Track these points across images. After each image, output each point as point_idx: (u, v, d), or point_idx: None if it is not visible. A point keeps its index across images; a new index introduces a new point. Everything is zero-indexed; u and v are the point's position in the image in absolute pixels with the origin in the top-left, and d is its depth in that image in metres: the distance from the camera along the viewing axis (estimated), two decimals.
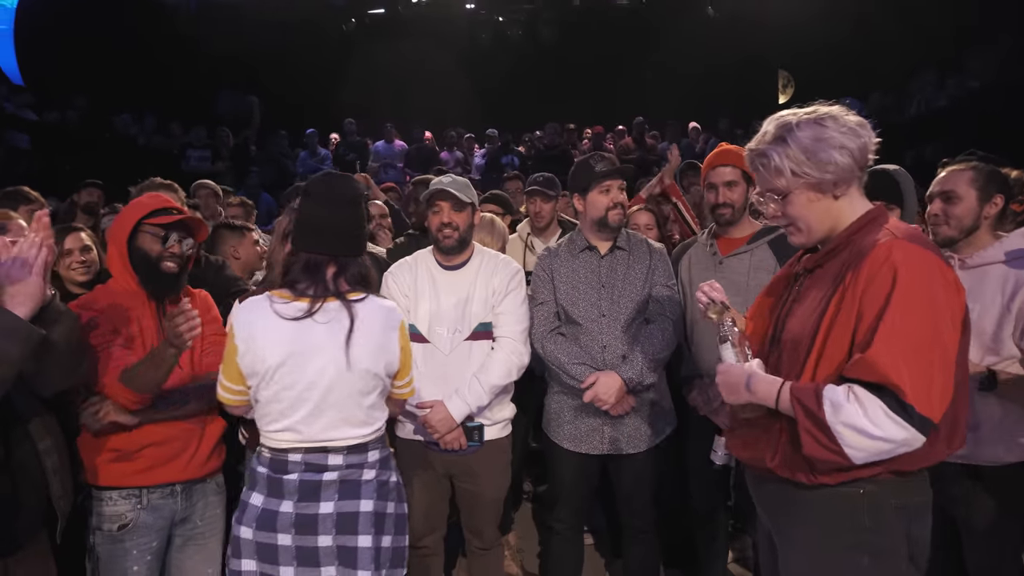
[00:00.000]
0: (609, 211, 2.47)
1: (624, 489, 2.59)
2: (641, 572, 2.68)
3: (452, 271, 2.46)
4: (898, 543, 1.42)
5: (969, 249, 2.06)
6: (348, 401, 1.72)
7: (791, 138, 1.43)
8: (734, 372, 1.51)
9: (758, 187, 1.56)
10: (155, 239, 2.05)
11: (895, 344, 1.28)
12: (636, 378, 2.37)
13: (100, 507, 1.96)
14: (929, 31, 8.82)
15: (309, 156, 9.47)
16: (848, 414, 1.28)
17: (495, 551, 2.62)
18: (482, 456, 2.44)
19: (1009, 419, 1.94)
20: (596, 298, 2.49)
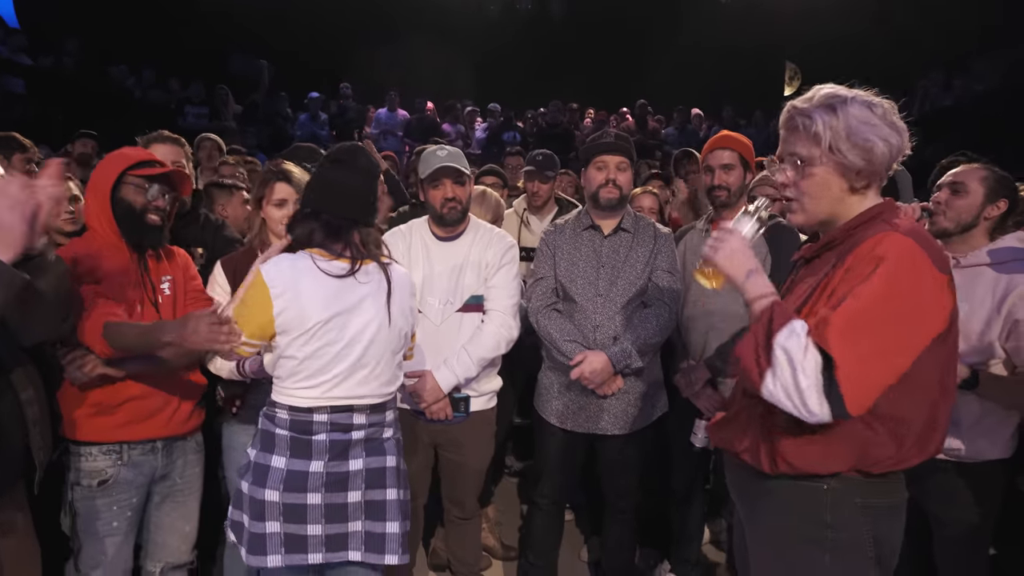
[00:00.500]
0: (600, 188, 2.46)
1: (608, 469, 2.62)
2: (618, 550, 2.71)
3: (446, 242, 2.46)
4: (862, 543, 1.39)
5: (964, 248, 2.07)
6: (383, 359, 1.80)
7: (841, 110, 1.34)
8: (744, 250, 1.41)
9: (780, 151, 1.47)
10: (139, 191, 2.01)
11: (852, 322, 1.23)
12: (624, 360, 2.38)
13: (79, 462, 1.94)
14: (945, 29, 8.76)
15: (310, 120, 9.38)
16: (794, 348, 1.23)
17: (473, 522, 2.66)
18: (467, 427, 2.46)
19: (989, 417, 1.97)
20: (594, 277, 2.49)
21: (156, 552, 2.11)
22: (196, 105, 9.13)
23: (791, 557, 1.44)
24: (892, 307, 1.24)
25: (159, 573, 2.12)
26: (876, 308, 1.23)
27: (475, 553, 2.69)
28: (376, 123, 9.55)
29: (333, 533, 1.75)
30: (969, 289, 1.98)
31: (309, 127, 9.27)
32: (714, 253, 1.42)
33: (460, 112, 10.02)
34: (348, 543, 1.77)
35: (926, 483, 2.02)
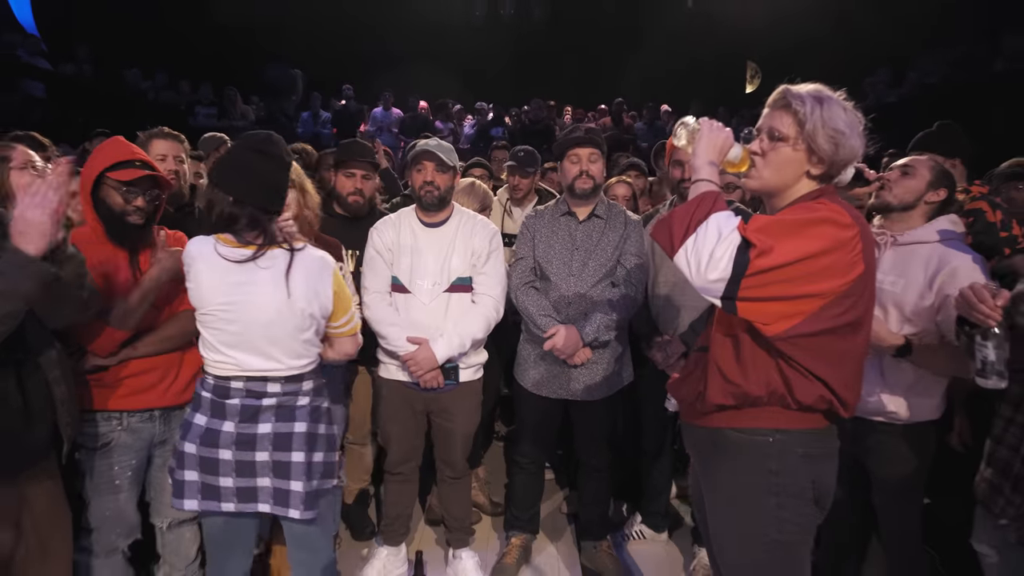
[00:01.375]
0: (575, 179, 2.48)
1: (581, 432, 2.65)
2: (594, 503, 2.75)
3: (433, 228, 2.46)
4: (803, 487, 1.45)
5: (901, 226, 2.08)
6: (286, 337, 1.75)
7: (827, 104, 1.39)
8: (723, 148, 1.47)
9: (761, 123, 1.48)
10: (117, 193, 1.92)
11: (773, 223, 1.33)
12: (593, 334, 2.41)
13: (84, 427, 1.95)
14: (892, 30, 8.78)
15: (311, 118, 9.28)
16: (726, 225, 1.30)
17: (464, 481, 2.68)
18: (456, 396, 2.48)
19: (921, 383, 2.00)
20: (568, 259, 2.51)
21: (161, 510, 2.12)
22: (206, 106, 9.02)
23: (743, 501, 1.48)
24: (811, 233, 1.31)
25: (166, 528, 2.14)
26: (797, 225, 1.31)
27: (466, 509, 2.72)
28: (372, 121, 9.48)
29: (243, 486, 1.76)
30: (904, 265, 2.01)
31: (311, 125, 9.18)
32: (706, 127, 1.48)
33: (450, 110, 9.97)
34: (258, 496, 1.78)
35: (865, 442, 2.06)
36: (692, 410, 1.59)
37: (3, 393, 1.57)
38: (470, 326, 2.39)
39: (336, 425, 2.02)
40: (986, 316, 1.58)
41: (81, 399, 1.92)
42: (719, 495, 1.55)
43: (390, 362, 2.48)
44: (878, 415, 2.03)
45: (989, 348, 1.60)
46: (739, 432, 1.48)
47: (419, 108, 9.90)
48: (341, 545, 2.82)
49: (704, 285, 1.32)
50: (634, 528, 2.99)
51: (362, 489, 2.96)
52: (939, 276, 1.93)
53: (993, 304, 1.58)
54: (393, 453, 2.58)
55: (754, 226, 1.31)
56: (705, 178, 1.42)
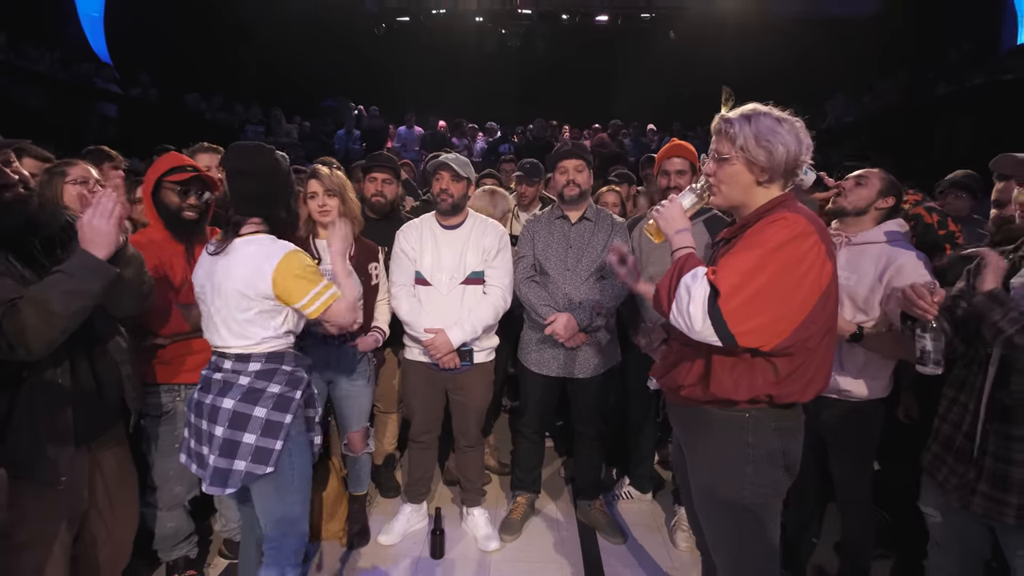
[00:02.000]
0: (564, 187, 2.47)
1: (577, 405, 2.64)
2: (587, 467, 2.74)
3: (450, 230, 2.45)
4: (775, 456, 1.44)
5: (855, 229, 2.05)
6: (229, 317, 1.66)
7: (754, 120, 1.37)
8: (680, 215, 1.49)
9: (710, 149, 1.48)
10: (173, 193, 2.00)
11: (739, 266, 1.29)
12: (587, 320, 2.40)
13: (149, 399, 1.97)
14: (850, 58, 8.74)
15: (345, 134, 9.27)
16: (690, 282, 1.31)
17: (477, 448, 2.67)
18: (471, 375, 2.47)
19: (871, 365, 1.98)
20: (564, 256, 2.50)
21: None
22: (254, 124, 9.02)
23: (723, 468, 1.47)
24: (777, 258, 1.28)
25: None
26: (763, 259, 1.28)
27: (478, 472, 2.71)
28: (397, 138, 9.44)
29: (197, 451, 1.72)
30: (857, 262, 1.98)
31: (344, 142, 9.17)
32: (658, 215, 1.53)
33: (465, 128, 9.92)
34: (203, 462, 1.69)
35: (821, 416, 2.04)
36: (676, 392, 1.57)
37: (78, 373, 1.57)
38: (481, 315, 2.38)
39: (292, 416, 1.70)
40: (924, 311, 1.59)
41: (146, 375, 1.95)
42: (702, 463, 1.53)
43: (414, 346, 2.48)
44: (834, 393, 2.01)
45: (927, 339, 1.61)
46: (720, 410, 1.47)
47: (438, 127, 9.87)
48: (371, 502, 2.83)
49: (702, 338, 1.30)
50: (623, 489, 2.98)
51: (389, 453, 2.96)
52: (887, 271, 1.92)
53: (931, 301, 1.59)
54: (416, 424, 2.58)
55: (721, 272, 1.28)
56: (679, 246, 1.45)
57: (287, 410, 1.69)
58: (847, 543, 2.17)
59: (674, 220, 1.49)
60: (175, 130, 7.19)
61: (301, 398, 1.74)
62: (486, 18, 11.68)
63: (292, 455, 1.72)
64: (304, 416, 1.80)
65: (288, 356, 1.75)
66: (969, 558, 1.69)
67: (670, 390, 1.59)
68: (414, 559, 2.47)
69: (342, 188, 2.28)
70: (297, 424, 1.73)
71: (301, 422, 1.77)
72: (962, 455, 1.62)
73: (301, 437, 1.76)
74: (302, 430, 1.77)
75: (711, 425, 1.49)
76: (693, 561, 2.47)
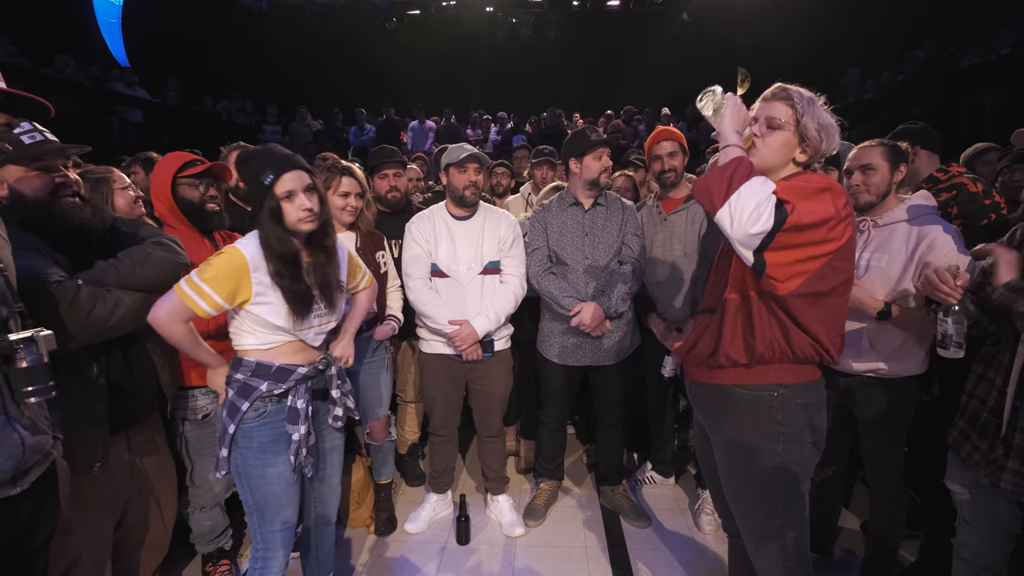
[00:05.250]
0: (601, 174, 2.43)
1: (600, 392, 2.63)
2: (610, 454, 2.74)
3: (462, 221, 2.44)
4: (803, 432, 1.45)
5: (880, 211, 2.00)
6: None
7: (816, 103, 1.42)
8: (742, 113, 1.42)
9: (758, 111, 1.46)
10: (193, 188, 2.00)
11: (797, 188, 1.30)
12: (612, 308, 2.39)
13: (187, 403, 1.99)
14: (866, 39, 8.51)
15: (358, 131, 9.31)
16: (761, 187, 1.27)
17: (500, 439, 2.68)
18: (492, 363, 2.47)
19: (906, 344, 1.94)
20: (581, 244, 2.47)
21: None
22: (271, 124, 9.11)
23: (753, 448, 1.47)
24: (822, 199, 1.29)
25: None
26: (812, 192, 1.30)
27: (501, 462, 2.72)
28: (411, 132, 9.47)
29: None
30: (887, 243, 1.94)
31: (358, 136, 9.22)
32: (734, 102, 1.42)
33: (478, 119, 9.90)
34: None
35: (855, 394, 2.02)
36: (701, 370, 1.56)
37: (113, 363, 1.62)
38: (502, 303, 2.38)
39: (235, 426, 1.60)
40: (946, 295, 1.59)
41: (185, 378, 1.98)
42: (730, 444, 1.52)
43: (433, 339, 2.47)
44: (868, 371, 1.98)
45: (949, 323, 1.60)
46: (746, 389, 1.47)
47: (451, 119, 9.85)
48: (397, 491, 2.87)
49: (743, 238, 1.27)
50: (645, 474, 2.98)
51: (412, 443, 2.99)
52: (920, 247, 1.87)
53: (953, 285, 1.58)
54: (437, 418, 2.59)
55: (781, 189, 1.29)
56: (734, 143, 1.38)
57: (232, 419, 1.59)
58: (876, 523, 2.14)
59: (740, 120, 1.41)
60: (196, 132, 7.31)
61: (250, 410, 1.59)
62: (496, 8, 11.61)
63: (240, 469, 1.60)
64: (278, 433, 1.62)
65: (247, 364, 1.61)
66: (998, 534, 1.66)
67: (693, 364, 1.59)
68: (441, 546, 2.51)
69: (367, 189, 2.36)
70: (254, 437, 1.59)
71: (266, 434, 1.61)
72: (986, 431, 1.60)
73: (258, 454, 1.60)
74: (265, 444, 1.60)
75: (737, 406, 1.48)
76: (718, 544, 2.47)
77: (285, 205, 1.54)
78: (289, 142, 8.49)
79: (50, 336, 1.09)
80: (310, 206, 1.55)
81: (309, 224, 1.57)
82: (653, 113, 9.42)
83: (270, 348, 1.62)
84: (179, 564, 2.32)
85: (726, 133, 1.40)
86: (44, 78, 6.17)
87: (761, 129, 1.45)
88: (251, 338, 1.61)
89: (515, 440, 3.25)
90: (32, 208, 1.46)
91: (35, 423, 1.11)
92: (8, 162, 1.45)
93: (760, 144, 1.45)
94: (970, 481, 1.68)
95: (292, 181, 1.54)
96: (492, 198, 3.66)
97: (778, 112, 1.43)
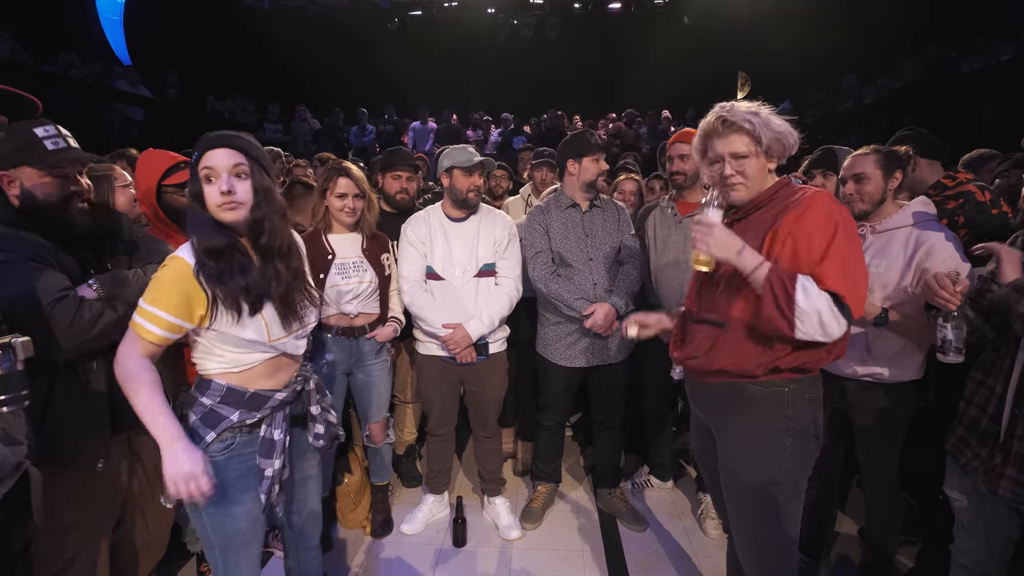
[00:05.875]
0: (598, 176, 2.46)
1: (600, 393, 2.62)
2: (607, 456, 2.73)
3: (458, 223, 2.43)
4: (808, 426, 1.48)
5: (878, 217, 1.99)
6: None
7: (760, 115, 1.45)
8: (729, 234, 1.40)
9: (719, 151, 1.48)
10: (179, 195, 1.89)
11: (838, 263, 1.33)
12: (623, 307, 2.39)
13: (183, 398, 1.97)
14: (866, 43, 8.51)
15: (359, 131, 9.31)
16: (814, 299, 1.29)
17: (495, 439, 2.67)
18: (487, 365, 2.46)
19: (905, 349, 1.94)
20: (584, 245, 2.46)
21: None
22: (272, 122, 9.11)
23: (764, 443, 1.49)
24: (852, 244, 1.36)
25: None
26: (846, 249, 1.34)
27: (497, 463, 2.71)
28: (412, 132, 9.48)
29: None
30: (885, 248, 1.93)
31: (359, 136, 9.22)
32: (706, 245, 1.40)
33: (479, 120, 9.91)
34: None
35: (851, 398, 2.01)
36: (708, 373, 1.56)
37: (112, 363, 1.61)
38: (496, 306, 2.38)
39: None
40: (946, 301, 1.60)
41: (185, 377, 1.96)
42: (735, 440, 1.53)
43: (428, 340, 2.45)
44: (866, 376, 1.98)
45: (948, 329, 1.61)
46: (758, 385, 1.49)
47: (452, 120, 9.85)
48: (393, 492, 2.87)
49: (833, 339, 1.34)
50: (643, 478, 2.97)
51: (409, 444, 2.98)
52: (918, 254, 1.87)
53: (952, 291, 1.59)
54: (433, 418, 2.58)
55: (828, 276, 1.31)
56: (752, 265, 1.36)
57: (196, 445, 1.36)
58: (871, 528, 2.14)
59: (727, 242, 1.38)
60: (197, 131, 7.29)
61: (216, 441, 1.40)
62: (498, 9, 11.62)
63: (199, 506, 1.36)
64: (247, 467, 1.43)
65: (216, 387, 1.41)
66: (996, 541, 1.66)
67: (698, 371, 1.58)
68: (437, 548, 2.50)
69: (368, 190, 2.32)
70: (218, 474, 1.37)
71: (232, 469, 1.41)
72: (986, 438, 1.60)
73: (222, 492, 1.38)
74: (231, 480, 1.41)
75: (748, 401, 1.49)
76: (717, 548, 2.46)
77: (206, 188, 1.33)
78: (290, 141, 8.49)
79: (27, 342, 1.05)
80: (227, 189, 1.31)
81: (229, 213, 1.33)
82: (655, 116, 9.43)
83: (243, 370, 1.41)
84: (175, 564, 2.31)
85: (735, 262, 1.38)
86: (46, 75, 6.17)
87: (732, 167, 1.47)
88: (218, 362, 1.40)
89: (512, 442, 3.24)
90: (43, 211, 1.46)
91: (9, 433, 1.09)
92: (26, 164, 1.44)
93: (738, 181, 1.48)
94: (969, 487, 1.67)
95: (215, 158, 1.32)
96: (491, 200, 3.67)
97: (737, 146, 1.46)
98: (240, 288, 1.34)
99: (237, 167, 1.34)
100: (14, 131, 1.43)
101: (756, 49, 9.70)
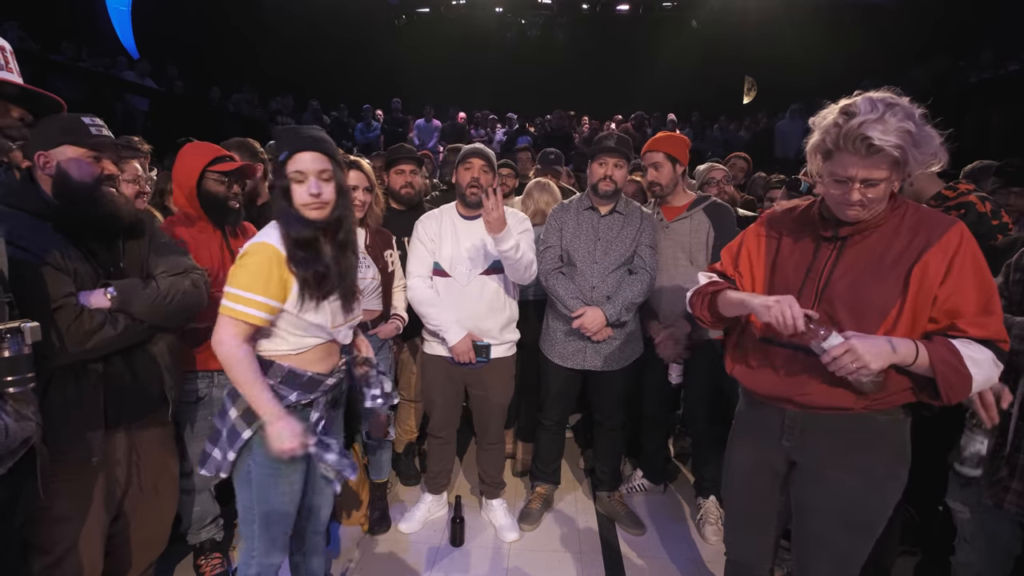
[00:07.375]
0: (600, 181, 2.42)
1: (598, 397, 2.61)
2: (606, 458, 2.72)
3: (470, 220, 2.41)
4: (910, 454, 1.41)
5: None
6: None
7: (917, 134, 1.22)
8: (876, 342, 1.24)
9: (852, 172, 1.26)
10: (219, 183, 2.02)
11: (997, 315, 1.27)
12: (615, 316, 2.37)
13: (185, 384, 2.00)
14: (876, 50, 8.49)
15: (364, 127, 9.30)
16: (979, 360, 1.23)
17: (498, 446, 2.65)
18: (491, 371, 2.44)
19: None
20: (592, 248, 2.45)
21: None
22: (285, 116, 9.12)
23: (883, 479, 1.39)
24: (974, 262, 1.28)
25: None
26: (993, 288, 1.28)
27: (499, 469, 2.69)
28: (416, 130, 9.47)
29: None
30: None
31: (364, 132, 9.22)
32: (867, 370, 1.23)
33: (483, 119, 9.90)
34: None
35: None
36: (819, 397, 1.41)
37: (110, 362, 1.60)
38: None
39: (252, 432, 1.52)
40: (987, 419, 1.52)
41: (185, 362, 1.98)
42: (853, 473, 1.40)
43: (432, 339, 2.45)
44: None
45: (982, 443, 1.58)
46: (884, 414, 1.38)
47: (457, 118, 9.84)
48: (392, 490, 2.86)
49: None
50: (635, 483, 2.96)
51: (409, 442, 2.97)
52: None
53: (995, 412, 1.50)
54: (435, 419, 2.57)
55: (989, 326, 1.26)
56: (911, 353, 1.25)
57: (248, 424, 1.49)
58: None
59: (878, 351, 1.23)
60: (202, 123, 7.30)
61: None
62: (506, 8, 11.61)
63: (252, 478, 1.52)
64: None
65: (278, 368, 1.51)
66: (999, 554, 1.65)
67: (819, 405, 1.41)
68: (434, 547, 2.49)
69: (376, 184, 2.33)
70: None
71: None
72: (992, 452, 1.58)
73: (275, 466, 1.51)
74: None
75: (877, 432, 1.39)
76: (715, 553, 2.45)
77: (294, 187, 1.44)
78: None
79: (36, 327, 1.09)
80: (316, 191, 1.43)
81: (315, 212, 1.44)
82: (661, 118, 9.42)
83: (301, 353, 1.52)
84: (172, 559, 2.31)
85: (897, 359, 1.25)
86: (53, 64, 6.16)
87: (860, 192, 1.27)
88: (283, 343, 1.51)
89: (512, 443, 3.23)
90: (73, 192, 1.49)
91: (18, 411, 1.11)
92: (70, 143, 1.50)
93: (861, 208, 1.30)
94: (972, 500, 1.67)
95: (305, 162, 1.43)
96: None
97: (877, 174, 1.24)
98: (323, 276, 1.46)
99: (323, 172, 1.45)
100: (62, 117, 1.50)
101: (764, 54, 9.70)
